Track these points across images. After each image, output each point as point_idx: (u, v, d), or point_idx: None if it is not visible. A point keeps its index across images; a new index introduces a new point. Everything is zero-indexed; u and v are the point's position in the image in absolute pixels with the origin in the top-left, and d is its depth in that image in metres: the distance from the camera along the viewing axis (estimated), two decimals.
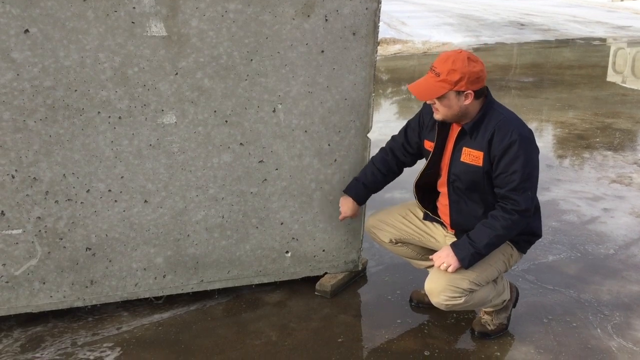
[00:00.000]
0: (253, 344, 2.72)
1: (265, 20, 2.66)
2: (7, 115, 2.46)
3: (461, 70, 2.40)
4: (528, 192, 2.46)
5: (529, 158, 2.44)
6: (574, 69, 10.18)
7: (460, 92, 2.43)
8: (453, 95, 2.44)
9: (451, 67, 2.41)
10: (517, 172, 2.42)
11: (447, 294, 2.51)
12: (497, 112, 2.51)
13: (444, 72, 2.42)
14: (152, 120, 2.65)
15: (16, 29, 2.37)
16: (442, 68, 2.43)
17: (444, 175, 2.68)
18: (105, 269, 2.80)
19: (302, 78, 2.80)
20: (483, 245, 2.47)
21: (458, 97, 2.45)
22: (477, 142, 2.51)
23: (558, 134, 6.26)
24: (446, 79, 2.42)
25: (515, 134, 2.43)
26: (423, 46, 12.61)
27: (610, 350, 2.69)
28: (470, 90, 2.44)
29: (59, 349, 2.66)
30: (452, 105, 2.46)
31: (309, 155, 2.94)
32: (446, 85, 2.42)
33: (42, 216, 2.63)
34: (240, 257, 3.00)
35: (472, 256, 2.48)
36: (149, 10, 2.50)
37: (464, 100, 2.45)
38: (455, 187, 2.64)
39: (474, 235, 2.50)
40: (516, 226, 2.48)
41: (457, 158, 2.58)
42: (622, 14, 19.56)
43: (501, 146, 2.44)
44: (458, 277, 2.51)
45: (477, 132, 2.51)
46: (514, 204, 2.45)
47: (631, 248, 3.69)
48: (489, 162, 2.49)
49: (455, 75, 2.41)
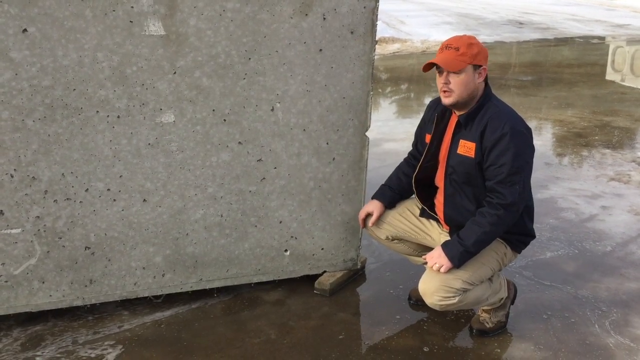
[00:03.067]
0: (252, 342, 2.73)
1: (263, 19, 2.67)
2: (6, 115, 2.47)
3: (478, 44, 2.49)
4: (516, 186, 2.44)
5: (520, 152, 2.44)
6: (573, 68, 10.18)
7: (477, 67, 2.48)
8: (471, 70, 2.48)
9: (469, 41, 2.48)
10: (505, 164, 2.42)
11: (441, 294, 2.52)
12: (493, 105, 2.53)
13: (463, 46, 2.46)
14: (151, 119, 2.65)
15: (14, 28, 2.37)
16: (460, 43, 2.48)
17: (441, 168, 2.69)
18: (104, 268, 2.81)
19: (300, 77, 2.80)
20: (471, 243, 2.47)
21: (474, 73, 2.49)
22: (471, 133, 2.53)
23: (557, 132, 6.27)
24: (466, 52, 2.46)
25: (508, 126, 2.44)
26: (422, 45, 12.61)
27: (608, 347, 2.69)
28: (485, 66, 2.51)
29: (59, 347, 2.67)
30: (469, 81, 2.49)
31: (308, 153, 2.94)
32: (467, 59, 2.46)
33: (41, 215, 2.64)
34: (239, 255, 3.01)
35: (461, 254, 2.48)
36: (147, 10, 2.50)
37: (478, 78, 2.50)
38: (452, 180, 2.64)
39: (462, 233, 2.51)
40: (503, 222, 2.47)
41: (454, 150, 2.60)
42: (621, 13, 19.55)
43: (492, 138, 2.45)
44: (451, 277, 2.51)
45: (472, 123, 2.53)
46: (500, 198, 2.45)
47: (629, 245, 3.69)
48: (480, 153, 2.50)
49: (474, 48, 2.47)
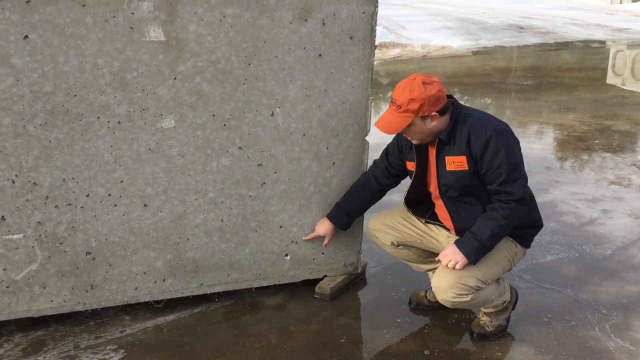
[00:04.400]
0: (253, 346, 2.73)
1: (262, 25, 2.68)
2: (7, 121, 2.48)
3: (419, 97, 2.46)
4: (518, 181, 2.50)
5: (510, 149, 2.49)
6: (574, 72, 10.19)
7: (425, 117, 2.50)
8: (419, 121, 2.51)
9: (409, 97, 2.47)
10: (502, 165, 2.46)
11: (455, 291, 2.53)
12: (467, 115, 2.57)
13: (404, 103, 2.48)
14: (151, 125, 2.67)
15: (16, 35, 2.39)
16: (401, 100, 2.49)
17: (434, 189, 2.72)
18: (105, 273, 2.81)
19: (300, 82, 2.82)
20: (487, 237, 2.50)
21: (424, 122, 2.51)
22: (456, 148, 2.56)
23: (557, 136, 6.27)
24: (408, 109, 2.48)
25: (490, 129, 2.48)
26: (422, 50, 12.64)
27: (609, 350, 2.69)
28: (434, 112, 2.50)
29: (61, 352, 2.67)
30: (422, 129, 2.54)
31: (308, 158, 2.95)
32: (410, 115, 2.49)
33: (42, 221, 2.65)
34: (239, 260, 3.02)
35: (477, 250, 2.50)
36: (148, 16, 2.52)
37: (431, 122, 2.52)
38: (449, 197, 2.67)
39: (476, 229, 2.53)
40: (516, 214, 2.51)
41: (442, 168, 2.62)
42: (621, 17, 19.57)
43: (479, 144, 2.48)
44: (465, 275, 2.53)
45: (454, 138, 2.56)
46: (509, 196, 2.49)
47: (630, 249, 3.69)
48: (473, 163, 2.54)
49: (415, 104, 2.47)
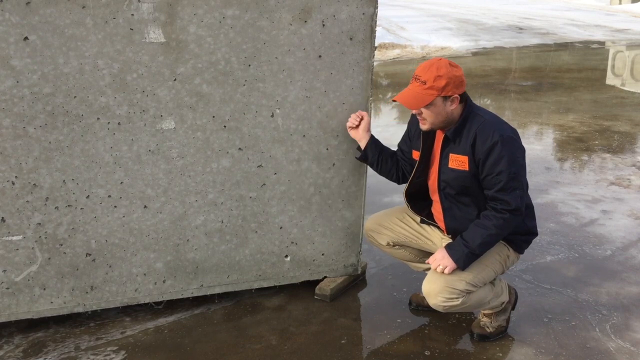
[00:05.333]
0: (253, 348, 2.73)
1: (262, 26, 2.68)
2: (7, 122, 2.48)
3: (446, 75, 2.45)
4: (516, 191, 2.48)
5: (513, 157, 2.46)
6: (573, 72, 10.20)
7: (446, 97, 2.48)
8: (440, 101, 2.48)
9: (436, 74, 2.45)
10: (503, 172, 2.45)
11: (444, 295, 2.53)
12: (478, 116, 2.55)
13: (430, 79, 2.46)
14: (151, 126, 2.67)
15: (16, 36, 2.39)
16: (427, 76, 2.47)
17: (433, 183, 2.71)
18: (105, 274, 2.81)
19: (299, 83, 2.82)
20: (477, 245, 2.49)
21: (445, 103, 2.49)
22: (461, 147, 2.55)
23: (557, 136, 6.27)
24: (433, 86, 2.46)
25: (497, 135, 2.46)
26: (422, 51, 12.65)
27: (609, 351, 2.69)
28: (457, 95, 2.48)
29: (62, 353, 2.67)
30: (440, 111, 2.51)
31: (308, 159, 2.95)
32: (434, 92, 2.46)
33: (42, 222, 2.65)
34: (239, 261, 3.02)
35: (466, 256, 2.50)
36: (148, 17, 2.52)
37: (450, 105, 2.50)
38: (446, 194, 2.67)
39: (467, 235, 2.52)
40: (508, 225, 2.50)
41: (445, 164, 2.62)
42: (621, 17, 19.60)
43: (484, 148, 2.47)
44: (454, 279, 2.53)
45: (460, 137, 2.55)
46: (504, 204, 2.48)
47: (630, 250, 3.69)
48: (474, 165, 2.53)
49: (441, 81, 2.45)
